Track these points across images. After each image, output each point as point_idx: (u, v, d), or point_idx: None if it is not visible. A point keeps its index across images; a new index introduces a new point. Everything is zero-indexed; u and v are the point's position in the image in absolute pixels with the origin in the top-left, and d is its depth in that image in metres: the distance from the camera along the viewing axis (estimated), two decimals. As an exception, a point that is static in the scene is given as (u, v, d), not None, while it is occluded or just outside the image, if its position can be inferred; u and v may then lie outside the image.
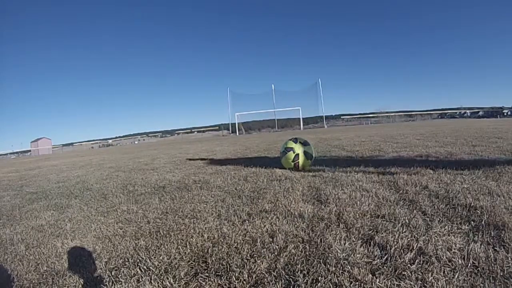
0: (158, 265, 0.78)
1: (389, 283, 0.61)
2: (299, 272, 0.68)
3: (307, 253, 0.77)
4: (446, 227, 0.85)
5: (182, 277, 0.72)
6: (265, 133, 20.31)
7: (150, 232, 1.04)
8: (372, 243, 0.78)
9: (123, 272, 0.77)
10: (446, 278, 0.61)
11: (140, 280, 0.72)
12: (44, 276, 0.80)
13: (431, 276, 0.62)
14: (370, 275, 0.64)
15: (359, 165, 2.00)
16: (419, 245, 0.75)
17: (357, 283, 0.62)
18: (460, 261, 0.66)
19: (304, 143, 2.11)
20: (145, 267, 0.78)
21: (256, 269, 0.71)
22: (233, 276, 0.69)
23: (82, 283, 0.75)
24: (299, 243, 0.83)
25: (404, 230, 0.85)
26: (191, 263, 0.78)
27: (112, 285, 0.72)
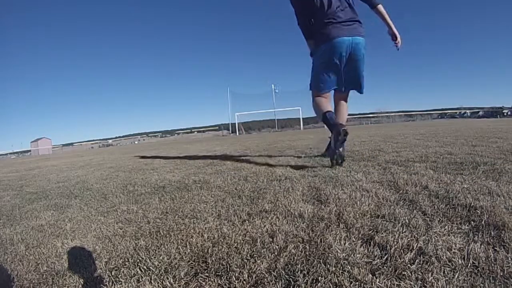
0: (158, 265, 0.78)
1: (389, 283, 0.61)
2: (299, 272, 0.68)
3: (307, 253, 0.77)
4: (446, 227, 0.85)
5: (182, 277, 0.72)
6: (265, 133, 20.31)
7: (150, 232, 1.04)
8: (372, 243, 0.78)
9: (123, 272, 0.77)
10: (446, 278, 0.61)
11: (140, 280, 0.72)
12: (44, 276, 0.80)
13: (431, 276, 0.62)
14: (370, 275, 0.64)
15: (359, 165, 2.00)
16: (419, 245, 0.75)
17: (357, 283, 0.62)
18: (460, 261, 0.66)
19: None
20: (145, 267, 0.78)
21: (256, 269, 0.71)
22: (233, 276, 0.69)
23: (82, 283, 0.75)
24: (299, 243, 0.83)
25: (404, 230, 0.85)
26: (191, 263, 0.78)
27: (112, 285, 0.72)
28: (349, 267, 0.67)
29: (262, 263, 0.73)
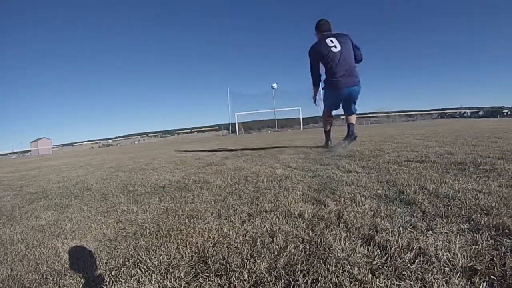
0: (158, 265, 0.79)
1: (389, 283, 0.61)
2: (299, 272, 0.68)
3: (307, 253, 0.77)
4: (446, 227, 0.85)
5: (182, 277, 0.72)
6: (265, 133, 20.32)
7: (150, 232, 1.04)
8: (372, 243, 0.79)
9: (123, 272, 0.77)
10: (446, 278, 0.61)
11: (140, 280, 0.72)
12: (44, 276, 0.81)
13: (431, 276, 0.62)
14: (370, 275, 0.64)
15: (359, 165, 2.00)
16: (419, 245, 0.75)
17: (357, 283, 0.62)
18: (460, 261, 0.66)
19: None
20: (145, 267, 0.78)
21: (256, 269, 0.71)
22: (233, 276, 0.69)
23: (82, 283, 0.75)
24: (299, 243, 0.83)
25: (404, 230, 0.85)
26: (191, 263, 0.78)
27: (112, 285, 0.72)
28: (349, 267, 0.67)
29: (262, 263, 0.74)
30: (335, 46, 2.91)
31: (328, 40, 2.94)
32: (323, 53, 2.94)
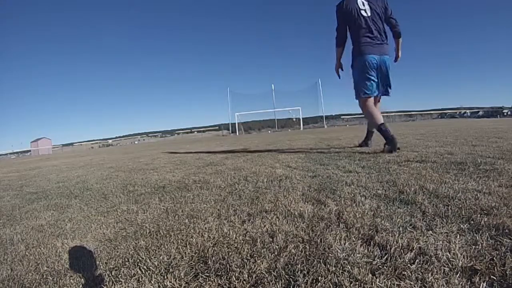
0: (158, 265, 0.78)
1: (389, 283, 0.61)
2: (299, 272, 0.68)
3: (307, 253, 0.77)
4: (446, 227, 0.85)
5: (182, 277, 0.72)
6: (265, 133, 20.33)
7: (150, 232, 1.04)
8: (372, 243, 0.78)
9: (123, 272, 0.77)
10: (446, 278, 0.61)
11: (140, 280, 0.72)
12: (44, 276, 0.81)
13: (431, 276, 0.62)
14: (370, 275, 0.64)
15: (359, 165, 2.00)
16: (419, 245, 0.75)
17: (357, 283, 0.62)
18: (460, 261, 0.66)
19: None
20: (145, 267, 0.78)
21: (256, 269, 0.71)
22: (233, 276, 0.69)
23: (82, 283, 0.75)
24: (299, 243, 0.83)
25: (404, 230, 0.85)
26: (191, 263, 0.78)
27: (112, 285, 0.72)
28: (349, 267, 0.67)
29: (262, 263, 0.73)
30: (365, 10, 2.54)
31: (360, 2, 2.56)
32: (350, 13, 2.54)
